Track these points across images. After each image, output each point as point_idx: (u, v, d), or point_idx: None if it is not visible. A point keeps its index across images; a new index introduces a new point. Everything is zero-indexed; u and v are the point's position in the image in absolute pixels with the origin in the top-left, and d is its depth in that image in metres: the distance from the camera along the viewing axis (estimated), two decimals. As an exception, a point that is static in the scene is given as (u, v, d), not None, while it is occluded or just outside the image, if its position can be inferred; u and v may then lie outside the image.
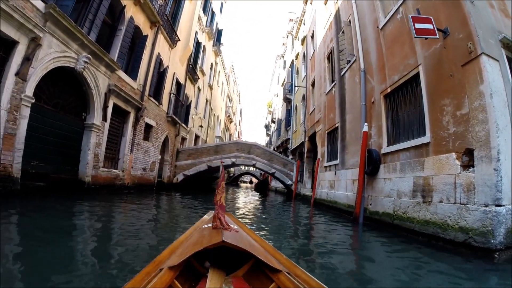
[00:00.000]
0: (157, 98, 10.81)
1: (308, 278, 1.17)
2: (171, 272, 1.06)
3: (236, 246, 1.12)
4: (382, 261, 3.40)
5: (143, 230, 3.99)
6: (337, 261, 3.13)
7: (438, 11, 4.47)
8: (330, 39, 10.85)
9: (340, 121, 8.88)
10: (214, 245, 1.13)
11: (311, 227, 5.99)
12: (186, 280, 1.13)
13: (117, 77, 7.88)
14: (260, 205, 10.67)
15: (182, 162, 14.83)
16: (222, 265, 1.19)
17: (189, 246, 1.23)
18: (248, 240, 1.36)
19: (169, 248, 1.40)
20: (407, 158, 5.12)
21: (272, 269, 1.13)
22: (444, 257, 3.44)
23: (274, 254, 1.39)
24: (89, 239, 3.18)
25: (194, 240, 1.32)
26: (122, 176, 8.78)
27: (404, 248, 3.95)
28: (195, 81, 16.32)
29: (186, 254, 1.12)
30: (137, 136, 9.55)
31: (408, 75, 5.33)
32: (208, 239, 1.19)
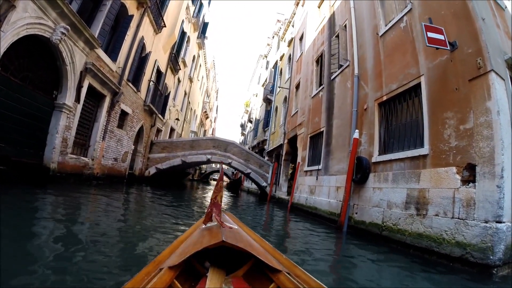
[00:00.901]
0: (135, 84, 10.05)
1: (308, 278, 1.16)
2: (171, 272, 1.06)
3: (236, 246, 1.12)
4: (372, 271, 3.29)
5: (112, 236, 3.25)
6: (324, 271, 3.01)
7: (447, 23, 4.45)
8: (321, 42, 10.82)
9: (326, 126, 8.82)
10: (214, 245, 1.12)
11: (291, 233, 5.71)
12: (186, 280, 1.12)
13: (95, 56, 7.12)
14: (232, 205, 10.31)
15: (156, 155, 14.05)
16: (222, 265, 1.18)
17: (189, 246, 1.22)
18: (248, 240, 1.33)
19: (169, 248, 1.38)
20: (401, 168, 5.06)
21: (272, 269, 1.12)
22: (440, 271, 3.41)
23: (274, 254, 1.37)
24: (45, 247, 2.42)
25: (194, 240, 1.30)
26: (92, 165, 7.99)
27: (395, 259, 3.89)
28: (176, 71, 15.57)
29: (186, 254, 1.11)
30: (111, 122, 8.78)
31: (408, 84, 5.29)
32: (208, 239, 1.18)
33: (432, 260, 3.85)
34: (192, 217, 5.61)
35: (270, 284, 1.09)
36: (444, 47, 4.25)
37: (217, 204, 1.45)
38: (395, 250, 4.46)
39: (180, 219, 4.99)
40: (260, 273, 1.17)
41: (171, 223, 4.44)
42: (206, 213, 1.46)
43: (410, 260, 3.86)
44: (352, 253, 4.25)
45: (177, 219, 4.96)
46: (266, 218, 7.79)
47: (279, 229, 6.20)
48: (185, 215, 5.75)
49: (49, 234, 2.81)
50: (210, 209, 1.44)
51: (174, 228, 4.07)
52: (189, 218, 5.27)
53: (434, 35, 4.23)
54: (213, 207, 1.43)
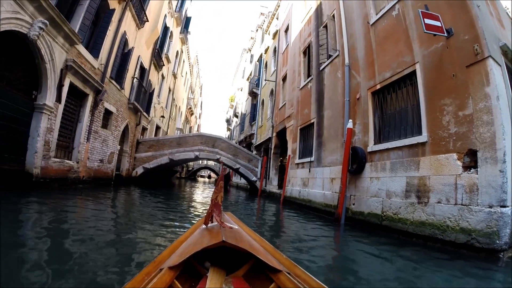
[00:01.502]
0: (119, 81, 9.61)
1: (308, 278, 1.16)
2: (171, 272, 1.05)
3: (236, 246, 1.12)
4: (375, 263, 3.23)
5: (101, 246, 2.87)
6: (326, 266, 2.94)
7: (442, 11, 4.41)
8: (308, 33, 10.71)
9: (317, 117, 8.78)
10: (214, 245, 1.12)
11: (287, 228, 5.58)
12: (186, 280, 1.12)
13: (76, 52, 6.69)
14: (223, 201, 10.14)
15: (143, 154, 13.64)
16: (222, 265, 1.17)
17: (189, 246, 1.21)
18: (248, 240, 1.32)
19: (169, 248, 1.36)
20: (399, 157, 5.05)
21: (272, 269, 1.12)
22: (446, 258, 3.42)
23: (274, 254, 1.37)
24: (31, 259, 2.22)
25: (194, 240, 1.30)
26: (77, 168, 7.59)
27: (398, 249, 3.86)
28: (160, 67, 15.07)
29: (186, 254, 1.10)
30: (95, 122, 8.36)
31: (402, 72, 5.25)
32: (208, 239, 1.18)
33: (436, 247, 3.84)
34: (185, 218, 5.42)
35: (271, 284, 1.08)
36: (442, 33, 4.24)
37: (218, 205, 1.44)
38: (397, 240, 4.43)
39: (174, 222, 4.80)
40: (260, 273, 1.16)
41: (164, 227, 4.23)
42: (207, 214, 1.44)
43: (414, 248, 3.85)
44: (353, 245, 4.18)
45: (170, 221, 4.76)
46: (259, 213, 7.69)
47: (273, 224, 6.07)
48: (180, 217, 5.55)
49: (33, 245, 2.55)
50: (211, 210, 1.42)
51: (167, 233, 3.88)
52: (184, 220, 5.08)
53: (431, 22, 4.21)
54: (214, 208, 1.42)
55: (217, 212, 1.43)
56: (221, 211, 1.50)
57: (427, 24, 4.13)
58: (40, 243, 2.64)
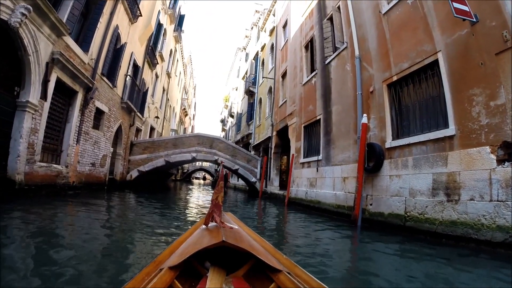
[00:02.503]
0: (111, 79, 8.97)
1: (308, 278, 1.14)
2: (171, 272, 1.04)
3: (236, 246, 1.11)
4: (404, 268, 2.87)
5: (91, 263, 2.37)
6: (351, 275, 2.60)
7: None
8: (310, 27, 10.27)
9: (324, 113, 8.32)
10: (215, 245, 1.10)
11: (296, 232, 5.06)
12: (186, 280, 1.10)
13: (64, 45, 6.06)
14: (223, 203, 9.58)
15: (137, 157, 13.00)
16: (222, 265, 1.15)
17: (189, 246, 1.20)
18: (248, 240, 1.30)
19: (169, 248, 1.33)
20: (423, 152, 4.71)
21: (272, 269, 1.11)
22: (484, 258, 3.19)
23: (275, 254, 1.35)
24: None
25: (194, 240, 1.27)
26: (66, 173, 6.95)
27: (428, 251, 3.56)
28: (154, 66, 14.43)
29: (186, 254, 1.09)
30: (85, 123, 7.72)
31: (422, 62, 4.95)
32: (209, 239, 1.17)
33: (470, 247, 3.59)
34: (184, 227, 4.87)
35: (271, 284, 1.07)
36: (470, 18, 4.00)
37: (218, 205, 1.43)
38: (424, 241, 4.11)
39: (171, 234, 4.25)
40: (260, 273, 1.15)
41: (161, 243, 3.69)
42: (208, 214, 1.44)
43: (446, 249, 3.58)
44: (376, 249, 3.81)
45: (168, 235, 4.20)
46: (264, 217, 7.18)
47: (281, 228, 5.56)
48: (177, 225, 5.00)
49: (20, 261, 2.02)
50: (211, 210, 1.42)
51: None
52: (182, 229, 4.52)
53: (460, 6, 3.96)
54: (214, 208, 1.41)
55: (218, 213, 1.41)
56: (221, 211, 1.49)
57: (456, 8, 3.89)
58: (21, 259, 2.10)
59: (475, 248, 3.51)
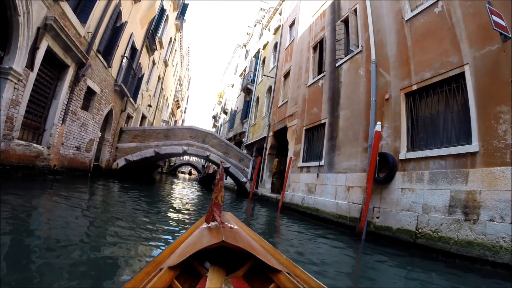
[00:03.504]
0: (106, 58, 8.32)
1: (308, 278, 1.14)
2: (171, 272, 1.03)
3: (236, 246, 1.10)
4: None
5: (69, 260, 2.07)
6: None
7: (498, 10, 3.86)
8: (320, 28, 9.92)
9: (330, 117, 7.97)
10: (214, 245, 1.10)
11: (292, 242, 4.62)
12: (186, 280, 1.09)
13: (60, 11, 5.42)
14: (207, 201, 9.05)
15: (126, 145, 12.30)
16: (222, 265, 1.15)
17: (189, 246, 1.19)
18: (248, 240, 1.28)
19: (169, 248, 1.31)
20: (441, 167, 4.44)
21: (272, 269, 1.10)
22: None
23: (274, 254, 1.34)
24: None
25: (194, 240, 1.27)
26: (47, 154, 6.29)
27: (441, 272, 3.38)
28: (152, 51, 13.76)
29: (186, 254, 1.09)
30: (74, 101, 7.06)
31: (446, 73, 4.72)
32: (208, 239, 1.17)
33: (486, 270, 3.43)
34: (172, 229, 4.40)
35: (270, 284, 1.07)
36: (507, 33, 3.77)
37: (218, 204, 1.43)
38: (436, 260, 3.92)
39: (159, 232, 3.77)
40: (260, 273, 1.14)
41: (148, 240, 3.22)
42: (208, 213, 1.44)
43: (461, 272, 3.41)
44: (385, 265, 3.56)
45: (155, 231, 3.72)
46: (254, 220, 6.74)
47: (275, 235, 5.12)
48: (164, 222, 4.51)
49: None
50: (211, 209, 1.41)
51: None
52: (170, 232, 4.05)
53: (498, 20, 3.77)
54: (214, 208, 1.42)
55: (218, 212, 1.41)
56: (221, 210, 1.49)
57: (495, 22, 3.66)
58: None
59: (491, 271, 3.36)
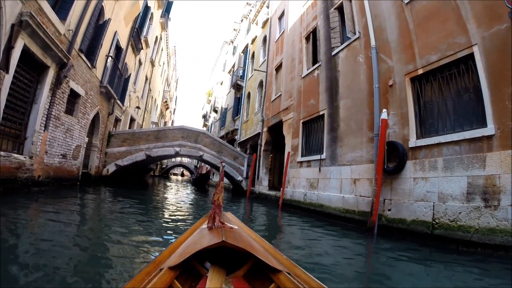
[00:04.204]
0: (90, 58, 7.79)
1: (308, 278, 1.14)
2: (171, 272, 1.03)
3: (236, 246, 1.10)
4: None
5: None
6: None
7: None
8: (312, 17, 9.62)
9: (329, 108, 7.69)
10: (215, 245, 1.10)
11: (302, 242, 4.35)
12: (186, 280, 1.09)
13: (36, 7, 4.91)
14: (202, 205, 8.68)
15: (115, 149, 11.77)
16: (222, 265, 1.14)
17: (189, 246, 1.19)
18: (248, 240, 1.28)
19: (169, 248, 1.31)
20: (456, 153, 4.24)
21: (272, 269, 1.10)
22: None
23: (275, 254, 1.33)
24: None
25: (194, 240, 1.27)
26: (30, 164, 5.80)
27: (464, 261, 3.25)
28: (138, 51, 13.19)
29: (186, 254, 1.09)
30: (56, 105, 6.54)
31: (455, 55, 4.51)
32: (209, 239, 1.17)
33: (510, 256, 3.32)
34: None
35: (270, 284, 1.06)
36: None
37: (219, 205, 1.43)
38: (456, 251, 3.82)
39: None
40: (260, 273, 1.14)
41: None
42: (210, 216, 1.41)
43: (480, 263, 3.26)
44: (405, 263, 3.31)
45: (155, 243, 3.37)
46: (255, 219, 6.44)
47: (278, 236, 4.81)
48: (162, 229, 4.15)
49: None
50: (214, 211, 1.40)
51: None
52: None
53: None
54: (216, 209, 1.41)
55: (219, 213, 1.41)
56: (221, 211, 1.49)
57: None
58: None
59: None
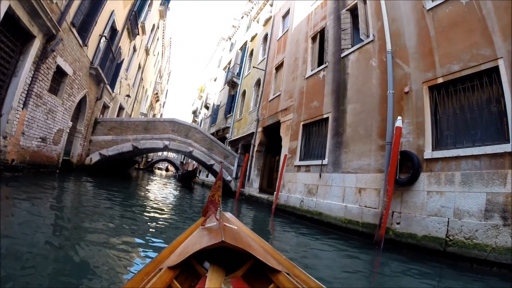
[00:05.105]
0: (82, 34, 7.13)
1: (307, 279, 1.14)
2: (171, 272, 1.04)
3: (236, 246, 1.11)
4: None
5: None
6: None
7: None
8: (321, 17, 9.31)
9: (334, 112, 7.36)
10: (214, 245, 1.10)
11: (303, 253, 4.05)
12: (185, 280, 1.09)
13: (23, -37, 4.33)
14: (188, 202, 8.16)
15: (100, 138, 11.04)
16: (221, 265, 1.14)
17: (189, 246, 1.19)
18: (247, 240, 1.28)
19: (169, 248, 1.31)
20: (475, 168, 4.03)
21: (271, 269, 1.10)
22: None
23: (274, 254, 1.33)
24: None
25: (193, 240, 1.27)
26: (4, 146, 5.12)
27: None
28: (134, 36, 12.48)
29: (185, 254, 1.09)
30: (39, 82, 5.87)
31: (478, 67, 4.34)
32: (208, 239, 1.17)
33: None
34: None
35: (270, 284, 1.06)
36: None
37: (214, 202, 1.46)
38: (470, 270, 3.66)
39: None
40: (259, 274, 1.13)
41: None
42: (203, 209, 1.46)
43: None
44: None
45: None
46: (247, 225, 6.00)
47: (276, 243, 4.48)
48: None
49: None
50: (207, 205, 1.46)
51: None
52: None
53: None
54: (210, 204, 1.45)
55: (213, 209, 1.44)
56: (217, 208, 1.49)
57: None
58: None
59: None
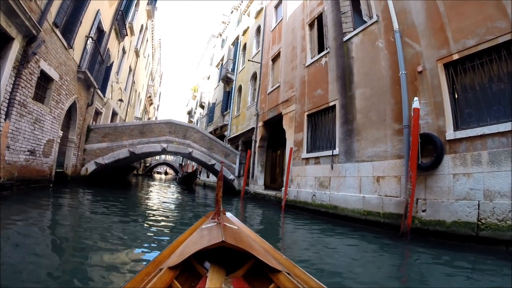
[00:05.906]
0: (67, 36, 6.64)
1: (307, 279, 1.14)
2: (171, 272, 1.04)
3: (236, 246, 1.10)
4: None
5: None
6: None
7: None
8: (318, 3, 8.90)
9: (341, 98, 6.97)
10: (214, 245, 1.10)
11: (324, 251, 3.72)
12: (186, 280, 1.10)
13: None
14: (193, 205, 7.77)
15: (95, 145, 10.55)
16: (222, 265, 1.15)
17: (189, 246, 1.20)
18: (248, 240, 1.28)
19: (169, 248, 1.32)
20: (503, 145, 3.80)
21: (272, 269, 1.10)
22: None
23: (274, 254, 1.33)
24: None
25: (194, 240, 1.27)
26: (-10, 160, 4.68)
27: None
28: (122, 37, 11.96)
29: (186, 254, 1.09)
30: (22, 89, 5.39)
31: (495, 40, 4.10)
32: (208, 239, 1.17)
33: None
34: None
35: (270, 284, 1.06)
36: None
37: (216, 202, 1.49)
38: (506, 253, 3.50)
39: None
40: (260, 273, 1.13)
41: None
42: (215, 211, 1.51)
43: None
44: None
45: None
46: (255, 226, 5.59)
47: (290, 249, 3.84)
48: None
49: None
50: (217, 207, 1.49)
51: None
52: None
53: None
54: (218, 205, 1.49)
55: (216, 209, 1.48)
56: (220, 208, 1.52)
57: None
58: None
59: None
